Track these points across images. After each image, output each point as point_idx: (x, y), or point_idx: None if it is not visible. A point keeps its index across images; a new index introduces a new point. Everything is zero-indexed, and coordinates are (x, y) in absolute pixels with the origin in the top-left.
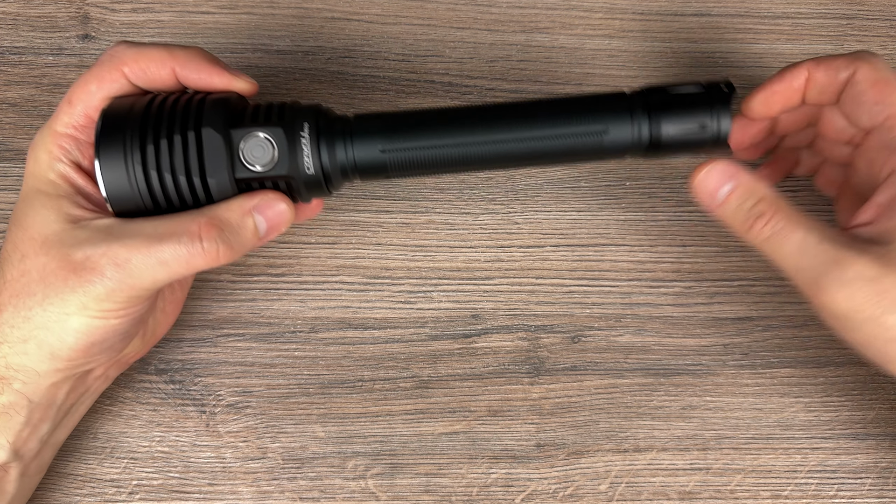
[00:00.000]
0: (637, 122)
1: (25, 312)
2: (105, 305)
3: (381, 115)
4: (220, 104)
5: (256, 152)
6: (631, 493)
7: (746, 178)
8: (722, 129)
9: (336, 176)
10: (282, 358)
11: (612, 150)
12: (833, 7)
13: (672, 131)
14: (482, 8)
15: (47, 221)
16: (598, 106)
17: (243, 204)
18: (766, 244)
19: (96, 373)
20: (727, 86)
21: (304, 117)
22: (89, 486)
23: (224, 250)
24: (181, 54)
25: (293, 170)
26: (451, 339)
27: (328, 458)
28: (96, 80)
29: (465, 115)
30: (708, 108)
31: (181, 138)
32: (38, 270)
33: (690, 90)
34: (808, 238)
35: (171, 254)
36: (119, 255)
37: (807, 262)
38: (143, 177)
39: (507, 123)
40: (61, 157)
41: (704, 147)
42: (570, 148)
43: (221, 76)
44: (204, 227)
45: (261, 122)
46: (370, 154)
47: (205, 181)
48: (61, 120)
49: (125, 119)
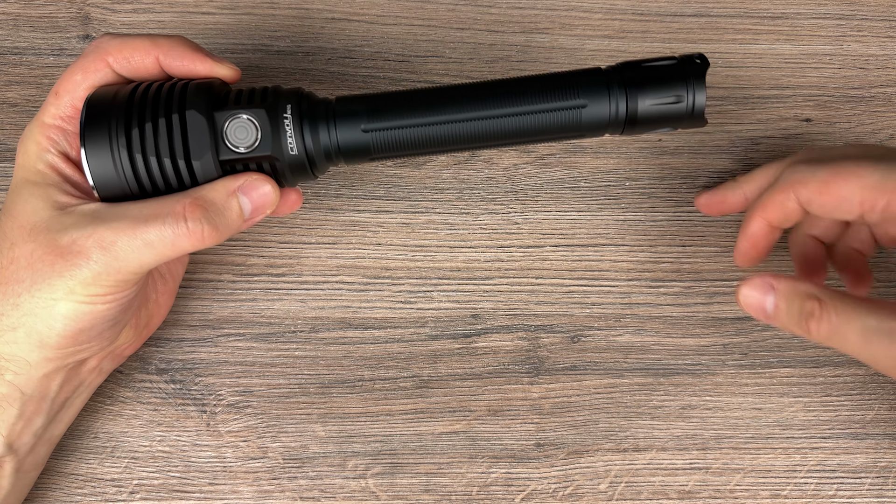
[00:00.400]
0: (615, 95)
1: (14, 299)
2: (92, 290)
3: (364, 97)
4: (203, 88)
5: (240, 133)
6: (630, 493)
7: (785, 284)
8: (697, 101)
9: (320, 157)
10: (282, 358)
11: (590, 125)
12: (832, 7)
13: (648, 104)
14: (482, 9)
15: (36, 209)
16: (575, 81)
17: (228, 185)
18: (830, 342)
19: (90, 365)
20: (700, 58)
21: (287, 99)
22: (90, 485)
23: (209, 231)
24: (164, 43)
25: (276, 150)
26: (451, 339)
27: (328, 457)
28: (81, 70)
29: (446, 93)
30: (683, 81)
31: (165, 121)
32: (26, 257)
33: (665, 63)
34: (868, 324)
35: (157, 235)
36: (105, 238)
37: (877, 349)
38: (128, 161)
39: (489, 100)
40: (49, 147)
41: (681, 121)
42: (550, 123)
43: (204, 63)
44: (188, 208)
45: (244, 105)
46: (353, 134)
47: (189, 164)
48: (48, 111)
49: (109, 106)
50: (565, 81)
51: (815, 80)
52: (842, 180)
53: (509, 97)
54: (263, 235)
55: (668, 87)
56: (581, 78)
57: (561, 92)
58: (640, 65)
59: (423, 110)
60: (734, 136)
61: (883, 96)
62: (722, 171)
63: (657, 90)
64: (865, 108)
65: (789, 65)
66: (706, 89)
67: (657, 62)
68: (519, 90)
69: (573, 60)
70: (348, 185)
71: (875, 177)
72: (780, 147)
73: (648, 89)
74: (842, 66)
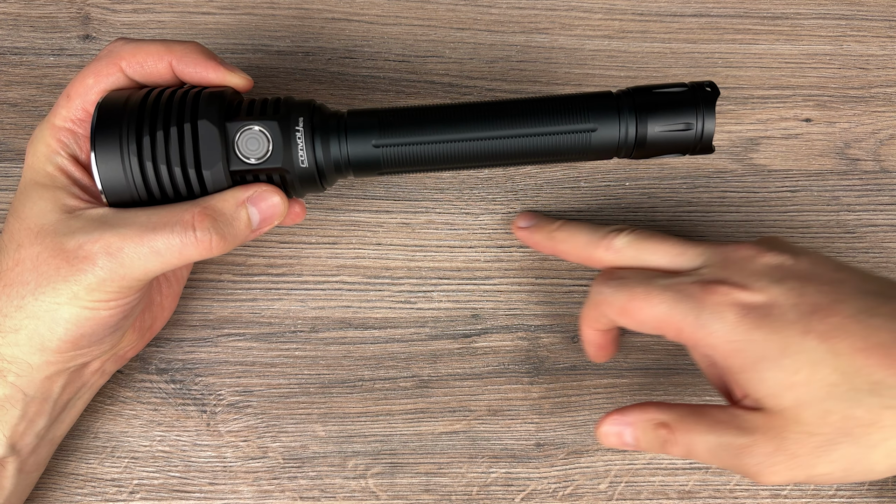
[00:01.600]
0: (624, 120)
1: (18, 301)
2: (96, 296)
3: (375, 111)
4: (215, 97)
5: (251, 145)
6: (630, 493)
7: (635, 416)
8: (706, 129)
9: (330, 170)
10: (282, 358)
11: (600, 149)
12: (832, 7)
13: (658, 130)
14: (482, 8)
15: (44, 212)
16: (586, 104)
17: (237, 195)
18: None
19: (93, 367)
20: (711, 86)
21: (300, 111)
22: (90, 485)
23: (217, 240)
24: (178, 49)
25: (287, 163)
26: (451, 339)
27: (328, 457)
28: (93, 74)
29: (458, 111)
30: (693, 109)
31: (177, 130)
32: (32, 259)
33: (676, 91)
34: (710, 442)
35: (165, 243)
36: (112, 244)
37: (724, 462)
38: (138, 168)
39: (499, 120)
40: (59, 150)
41: (688, 147)
42: (560, 145)
43: (217, 71)
44: (198, 217)
45: (256, 116)
46: (364, 149)
47: (200, 173)
48: (59, 114)
49: (121, 111)
50: (576, 104)
51: (815, 80)
52: (635, 308)
53: (520, 118)
54: (263, 236)
55: (678, 115)
56: (592, 102)
57: (571, 115)
58: (651, 90)
59: (434, 128)
60: (734, 136)
61: (883, 96)
62: (722, 171)
63: (667, 117)
64: (865, 108)
65: (789, 65)
66: (716, 118)
67: (668, 89)
68: (530, 111)
69: (573, 60)
70: (348, 185)
71: (661, 308)
72: (780, 147)
73: (658, 116)
74: (842, 66)
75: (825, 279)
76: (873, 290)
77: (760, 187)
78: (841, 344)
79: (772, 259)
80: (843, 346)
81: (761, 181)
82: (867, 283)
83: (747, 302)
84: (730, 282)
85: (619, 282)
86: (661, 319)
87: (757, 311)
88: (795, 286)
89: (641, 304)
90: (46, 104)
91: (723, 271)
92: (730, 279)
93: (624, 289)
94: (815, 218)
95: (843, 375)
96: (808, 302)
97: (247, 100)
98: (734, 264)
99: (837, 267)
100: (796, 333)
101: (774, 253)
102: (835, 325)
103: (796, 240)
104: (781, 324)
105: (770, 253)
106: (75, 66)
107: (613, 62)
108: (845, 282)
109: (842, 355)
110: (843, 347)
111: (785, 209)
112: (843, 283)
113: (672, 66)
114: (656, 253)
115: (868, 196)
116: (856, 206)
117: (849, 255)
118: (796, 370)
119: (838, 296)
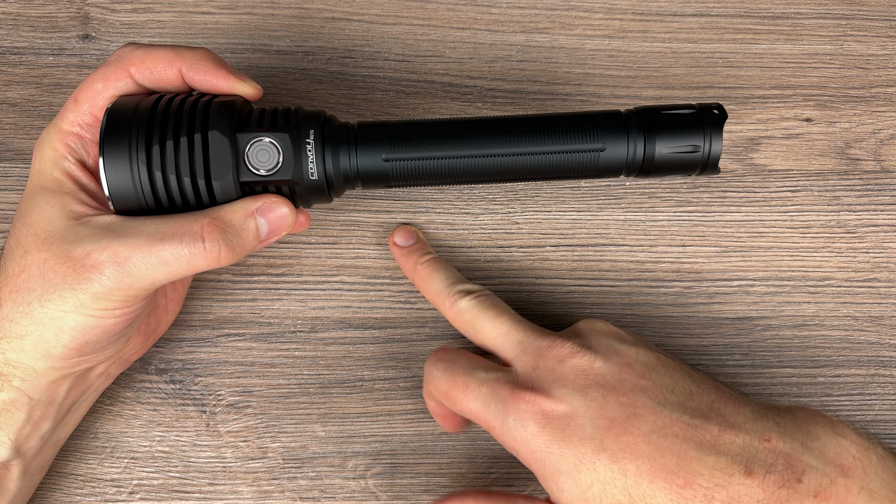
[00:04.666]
0: (633, 140)
1: (24, 308)
2: (102, 304)
3: (385, 124)
4: (226, 107)
5: (262, 157)
6: None
7: None
8: (713, 152)
9: (339, 182)
10: (282, 358)
11: (607, 168)
12: (833, 7)
13: (666, 152)
14: (482, 8)
15: (50, 217)
16: (595, 124)
17: (247, 206)
18: None
19: (97, 371)
20: (719, 109)
21: (310, 123)
22: (90, 485)
23: (225, 251)
24: (188, 55)
25: (297, 175)
26: (451, 339)
27: (328, 457)
28: (102, 79)
29: (469, 127)
30: (701, 131)
31: (187, 140)
32: (39, 266)
33: (684, 113)
34: None
35: (173, 253)
36: (120, 253)
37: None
38: (146, 176)
39: (509, 138)
40: (66, 154)
41: (695, 169)
42: (568, 164)
43: (227, 79)
44: (207, 228)
45: (266, 127)
46: (373, 162)
47: (209, 183)
48: (67, 118)
49: (131, 117)
50: (586, 124)
51: (816, 80)
52: (454, 398)
53: (529, 136)
54: None
55: (686, 137)
56: (601, 121)
57: (580, 134)
58: (660, 111)
59: (444, 143)
60: (734, 136)
61: (883, 96)
62: (722, 170)
63: (675, 139)
64: (866, 107)
65: (789, 65)
66: (723, 141)
67: (676, 110)
68: (539, 129)
69: (573, 60)
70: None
71: (476, 405)
72: (780, 147)
73: (667, 137)
74: (842, 65)
75: (627, 388)
76: (673, 401)
77: (760, 187)
78: (630, 465)
79: (580, 362)
80: (632, 467)
81: (761, 181)
82: (668, 393)
83: (549, 411)
84: (535, 388)
85: (446, 365)
86: (474, 415)
87: (557, 421)
88: (597, 397)
89: (460, 394)
90: (46, 104)
91: (533, 372)
92: (535, 384)
93: (448, 374)
94: (815, 218)
95: (630, 498)
96: (606, 416)
97: (257, 109)
98: (544, 365)
99: (645, 370)
100: (590, 451)
101: (585, 354)
102: (626, 446)
103: (796, 239)
104: (578, 438)
105: (580, 354)
106: (75, 66)
107: (614, 62)
108: (647, 391)
109: (630, 476)
110: (632, 469)
111: (785, 209)
112: (644, 392)
113: (672, 66)
114: (486, 327)
115: (868, 196)
116: (856, 205)
117: (849, 254)
118: (589, 486)
119: (635, 409)
